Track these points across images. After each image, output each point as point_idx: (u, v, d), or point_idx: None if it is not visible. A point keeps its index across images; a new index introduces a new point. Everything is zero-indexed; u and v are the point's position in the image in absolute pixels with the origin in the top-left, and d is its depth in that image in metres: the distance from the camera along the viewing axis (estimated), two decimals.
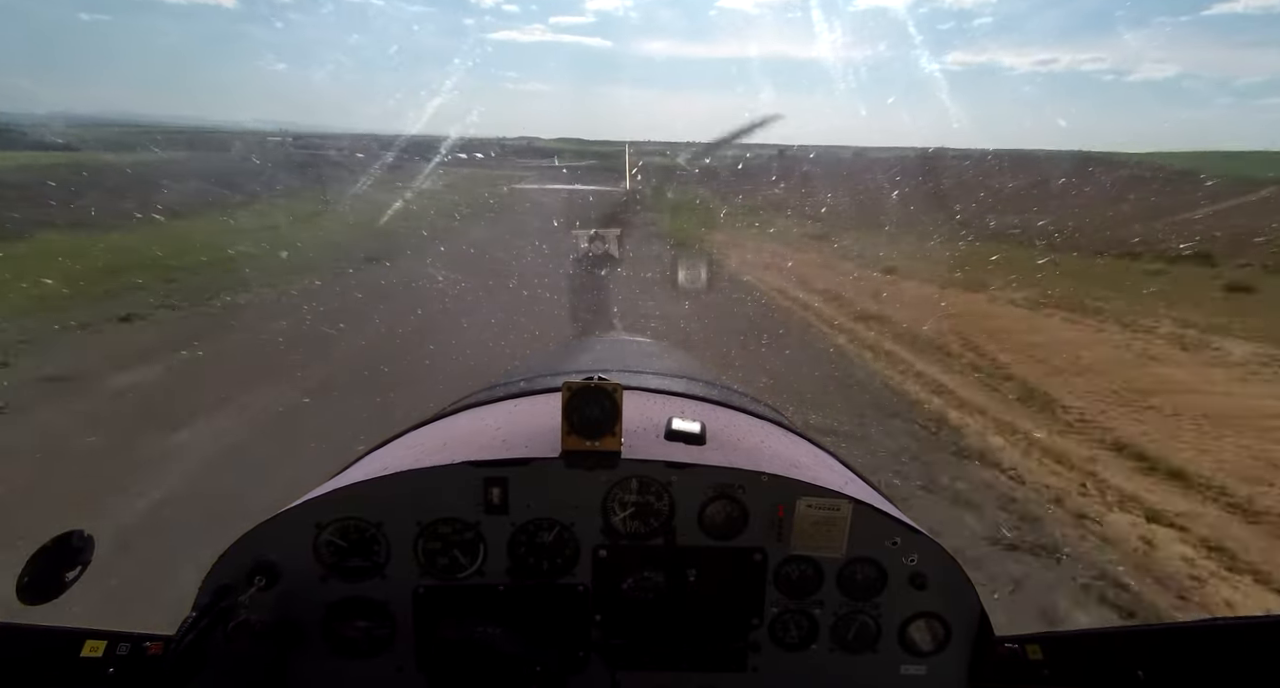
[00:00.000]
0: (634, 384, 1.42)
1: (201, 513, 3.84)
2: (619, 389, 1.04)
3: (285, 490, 1.27)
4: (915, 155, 33.21)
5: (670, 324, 8.70)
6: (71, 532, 0.97)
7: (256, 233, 16.05)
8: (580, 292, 7.43)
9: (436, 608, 1.09)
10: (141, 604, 2.66)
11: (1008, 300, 12.20)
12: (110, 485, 4.47)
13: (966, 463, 5.71)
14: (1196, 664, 1.01)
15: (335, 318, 9.05)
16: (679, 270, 8.74)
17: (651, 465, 1.08)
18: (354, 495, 1.07)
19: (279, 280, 11.54)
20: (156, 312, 9.57)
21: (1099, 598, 3.90)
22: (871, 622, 1.12)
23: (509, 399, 1.44)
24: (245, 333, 8.78)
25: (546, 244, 14.73)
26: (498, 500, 1.07)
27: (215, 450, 5.13)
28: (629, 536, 1.10)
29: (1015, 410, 7.08)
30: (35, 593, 0.92)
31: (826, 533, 1.08)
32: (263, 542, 1.06)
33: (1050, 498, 5.16)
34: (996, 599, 3.76)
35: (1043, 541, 4.48)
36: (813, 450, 1.39)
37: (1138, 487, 5.43)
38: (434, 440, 1.26)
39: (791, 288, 13.13)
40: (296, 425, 5.59)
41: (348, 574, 1.08)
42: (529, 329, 8.19)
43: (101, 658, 0.97)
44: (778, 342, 9.01)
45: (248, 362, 7.44)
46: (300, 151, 34.83)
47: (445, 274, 12.07)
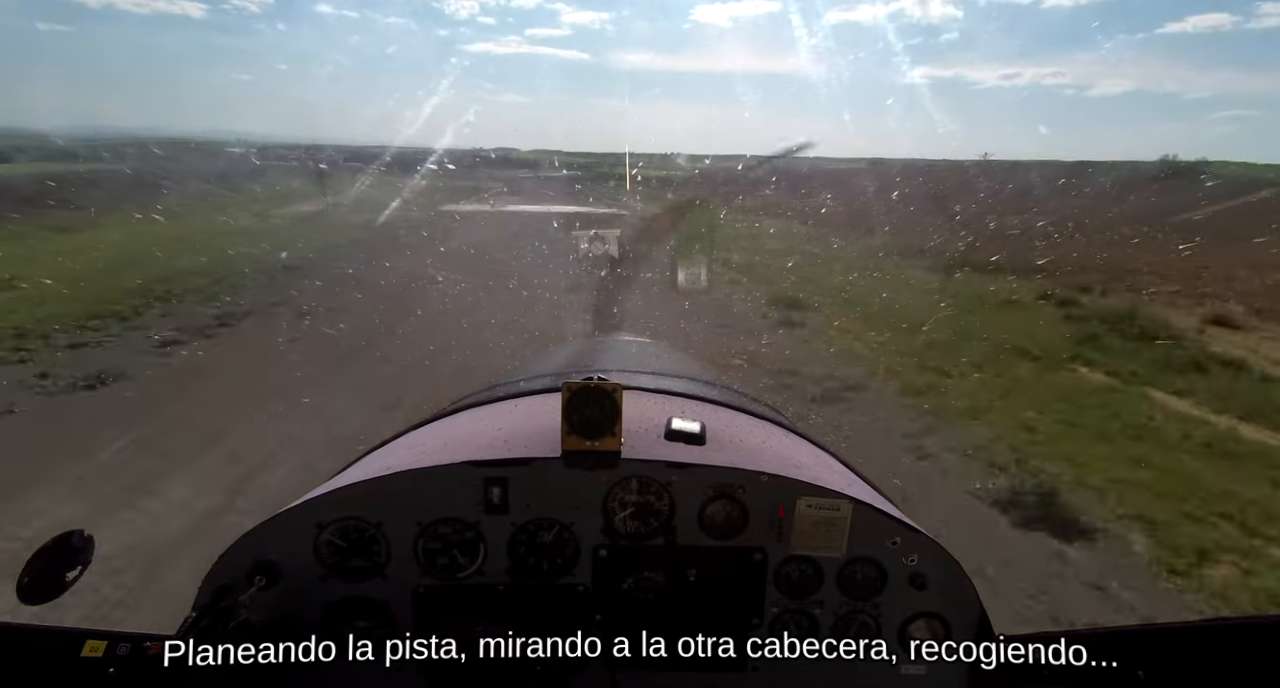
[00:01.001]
0: (634, 384, 1.42)
1: None
2: (619, 389, 1.04)
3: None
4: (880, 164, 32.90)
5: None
6: (71, 532, 0.97)
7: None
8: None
9: (436, 608, 1.09)
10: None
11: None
12: None
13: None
14: (1196, 664, 1.01)
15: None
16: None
17: (651, 466, 1.08)
18: (354, 495, 1.07)
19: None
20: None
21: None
22: (871, 622, 1.12)
23: (509, 399, 1.44)
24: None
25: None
26: (498, 500, 1.07)
27: None
28: (629, 535, 1.10)
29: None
30: (35, 593, 0.92)
31: (826, 533, 1.08)
32: (263, 542, 1.06)
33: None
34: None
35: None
36: (813, 451, 1.39)
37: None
38: (434, 440, 1.26)
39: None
40: None
41: (348, 574, 1.08)
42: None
43: (101, 658, 0.96)
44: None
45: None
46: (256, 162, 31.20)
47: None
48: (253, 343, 7.94)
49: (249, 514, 3.66)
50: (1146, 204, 20.41)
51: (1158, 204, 20.50)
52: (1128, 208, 19.27)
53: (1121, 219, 17.25)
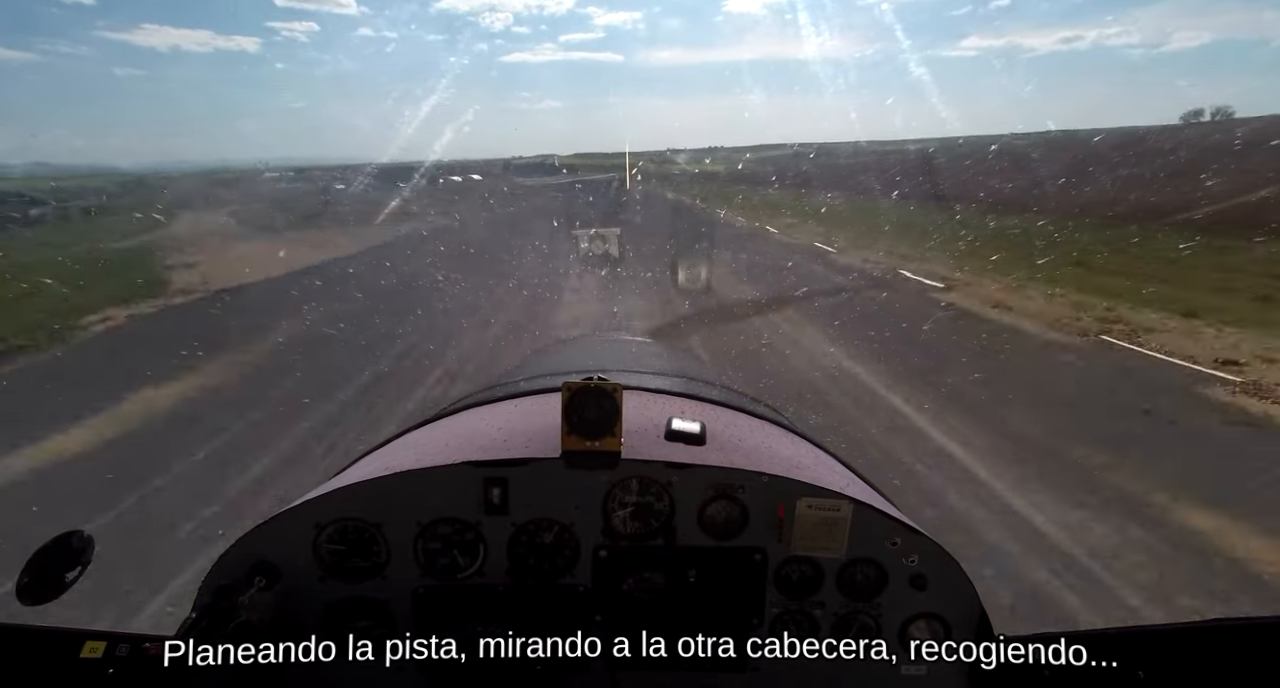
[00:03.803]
0: (634, 384, 1.42)
1: None
2: (619, 389, 1.04)
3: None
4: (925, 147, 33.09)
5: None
6: (71, 532, 0.97)
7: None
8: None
9: (436, 608, 1.09)
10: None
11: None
12: None
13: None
14: (1196, 664, 1.01)
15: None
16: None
17: (652, 466, 1.08)
18: (354, 496, 1.07)
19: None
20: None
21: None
22: (872, 622, 1.12)
23: (509, 399, 1.44)
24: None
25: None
26: (498, 501, 1.07)
27: None
28: (629, 536, 1.10)
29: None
30: (35, 594, 0.92)
31: (827, 533, 1.08)
32: (263, 542, 1.06)
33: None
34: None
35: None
36: (813, 451, 1.39)
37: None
38: (434, 441, 1.26)
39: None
40: None
41: (348, 574, 1.08)
42: None
43: (101, 659, 0.96)
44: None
45: None
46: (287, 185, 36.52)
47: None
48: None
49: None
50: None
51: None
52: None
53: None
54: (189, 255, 15.64)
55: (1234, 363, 7.27)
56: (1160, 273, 11.62)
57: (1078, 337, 8.70)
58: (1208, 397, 6.48)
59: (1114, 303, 9.97)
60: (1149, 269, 11.97)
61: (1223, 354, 7.57)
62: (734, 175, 36.03)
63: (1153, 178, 17.98)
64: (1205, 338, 8.26)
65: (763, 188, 29.88)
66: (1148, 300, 9.92)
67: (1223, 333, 8.37)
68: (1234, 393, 6.51)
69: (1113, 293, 10.43)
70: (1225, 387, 6.67)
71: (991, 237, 15.51)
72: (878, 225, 17.88)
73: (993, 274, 12.07)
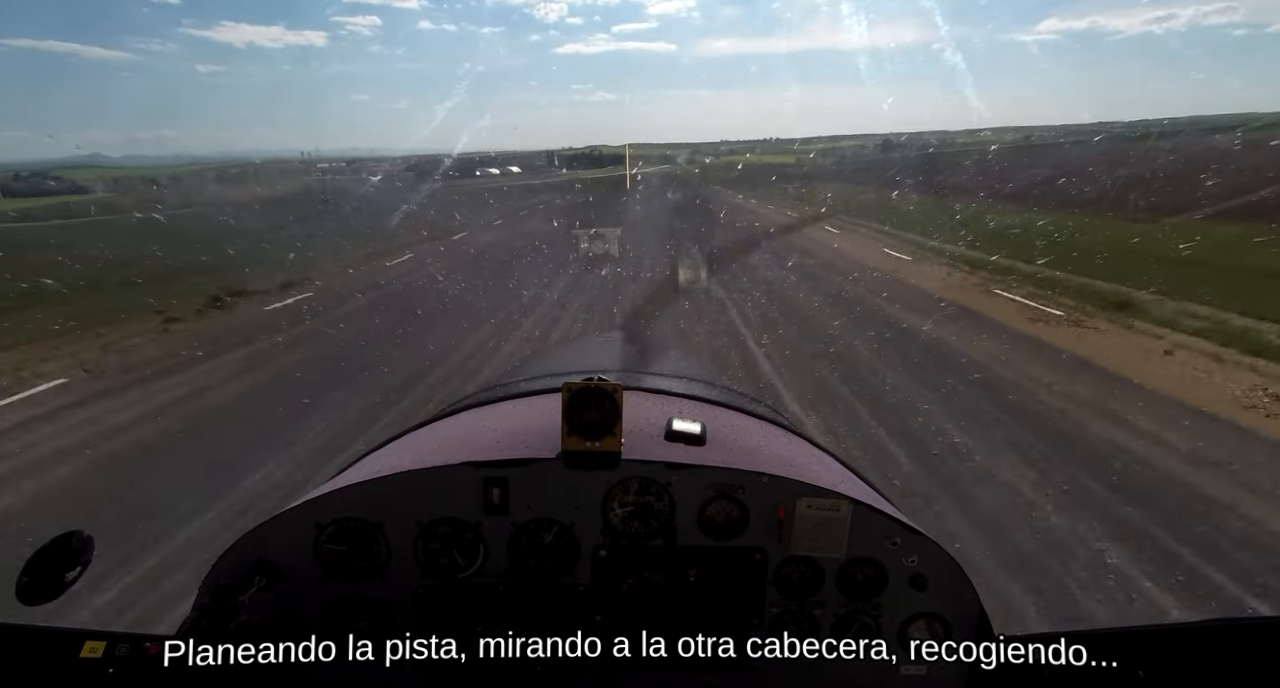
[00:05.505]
0: (634, 384, 1.42)
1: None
2: (619, 389, 1.04)
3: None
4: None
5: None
6: (71, 532, 0.97)
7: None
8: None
9: (437, 608, 1.09)
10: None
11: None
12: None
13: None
14: (1196, 664, 1.01)
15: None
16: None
17: (651, 466, 1.08)
18: (354, 496, 1.07)
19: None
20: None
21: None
22: (871, 622, 1.12)
23: (509, 399, 1.44)
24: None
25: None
26: (498, 501, 1.07)
27: None
28: (629, 536, 1.09)
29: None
30: (35, 594, 0.92)
31: (827, 533, 1.08)
32: (263, 542, 1.06)
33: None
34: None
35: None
36: (813, 451, 1.39)
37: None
38: (434, 441, 1.26)
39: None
40: None
41: (348, 575, 1.08)
42: None
43: (101, 659, 0.96)
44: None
45: None
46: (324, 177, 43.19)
47: None
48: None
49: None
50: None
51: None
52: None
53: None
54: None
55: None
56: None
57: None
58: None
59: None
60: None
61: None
62: (806, 171, 38.58)
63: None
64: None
65: (859, 188, 28.07)
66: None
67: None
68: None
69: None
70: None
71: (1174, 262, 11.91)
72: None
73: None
